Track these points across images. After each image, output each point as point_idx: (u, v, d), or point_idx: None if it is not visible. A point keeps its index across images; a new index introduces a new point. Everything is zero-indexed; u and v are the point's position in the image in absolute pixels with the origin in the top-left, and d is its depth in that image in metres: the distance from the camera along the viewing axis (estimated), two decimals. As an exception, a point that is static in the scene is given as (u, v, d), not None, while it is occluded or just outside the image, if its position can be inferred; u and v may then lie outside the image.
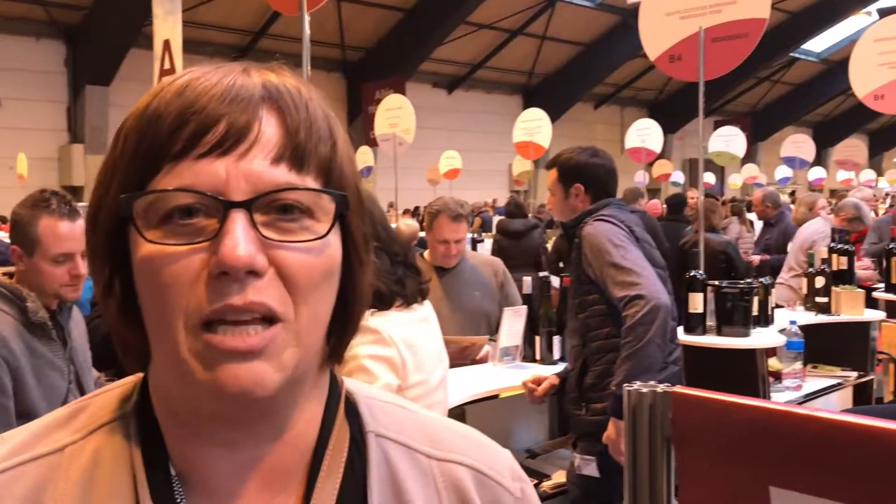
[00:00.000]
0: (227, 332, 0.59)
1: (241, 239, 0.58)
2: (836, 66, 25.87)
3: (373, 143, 11.83)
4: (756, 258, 6.63)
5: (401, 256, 2.14)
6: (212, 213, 0.60)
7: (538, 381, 3.06)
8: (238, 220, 0.59)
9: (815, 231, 5.99)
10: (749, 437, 0.72)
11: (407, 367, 2.05)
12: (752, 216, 9.61)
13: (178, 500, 0.63)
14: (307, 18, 3.19)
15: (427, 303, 2.22)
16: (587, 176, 2.95)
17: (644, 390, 0.80)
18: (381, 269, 2.06)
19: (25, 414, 2.07)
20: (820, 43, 26.57)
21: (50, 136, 16.28)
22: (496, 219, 12.48)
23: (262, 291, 0.59)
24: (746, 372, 3.55)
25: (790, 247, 6.22)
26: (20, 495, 0.63)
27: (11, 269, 2.23)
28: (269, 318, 0.60)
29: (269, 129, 0.62)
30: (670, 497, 0.81)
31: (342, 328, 0.69)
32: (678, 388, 0.78)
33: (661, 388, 0.79)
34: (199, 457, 0.65)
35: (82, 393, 2.22)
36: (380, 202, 2.49)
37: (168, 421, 0.65)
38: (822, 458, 0.68)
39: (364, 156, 13.28)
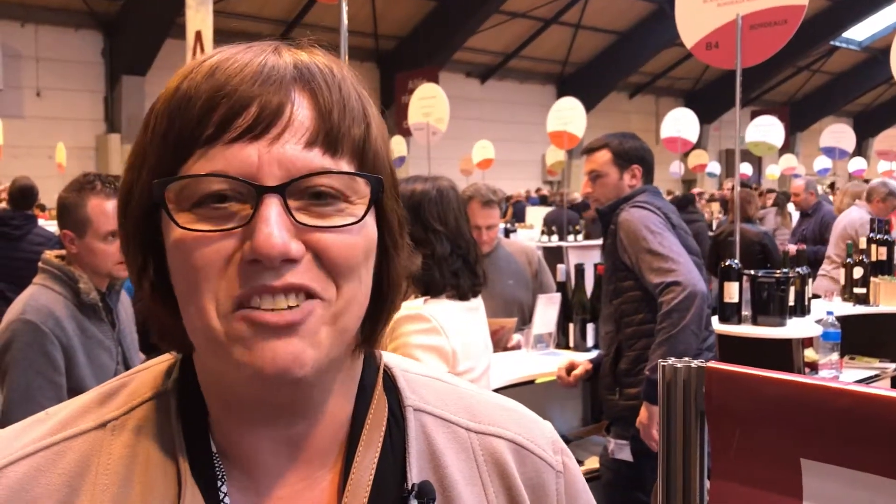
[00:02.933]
0: (263, 303, 0.59)
1: (275, 226, 0.57)
2: (878, 55, 25.32)
3: (405, 133, 11.86)
4: (792, 248, 6.55)
5: (463, 251, 2.12)
6: (245, 199, 0.59)
7: (572, 367, 3.09)
8: (272, 206, 0.58)
9: (856, 220, 5.90)
10: (780, 410, 0.74)
11: (457, 355, 2.06)
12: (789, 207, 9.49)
13: (220, 476, 0.64)
14: (345, 7, 3.23)
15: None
16: (643, 158, 3.00)
17: (679, 366, 0.82)
18: (439, 255, 2.04)
19: (76, 391, 2.13)
20: (862, 31, 25.97)
21: (88, 126, 16.53)
22: (530, 209, 12.45)
23: (300, 275, 0.59)
24: (782, 362, 3.53)
25: (830, 237, 6.12)
26: (66, 469, 0.64)
27: (63, 251, 2.30)
28: (309, 294, 0.60)
29: (301, 111, 0.60)
30: (703, 472, 0.83)
31: (377, 315, 0.68)
32: (712, 364, 0.81)
33: (695, 363, 0.82)
34: (241, 434, 0.65)
35: (129, 373, 2.29)
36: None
37: (213, 399, 0.66)
38: (852, 431, 0.69)
39: (397, 145, 13.31)
